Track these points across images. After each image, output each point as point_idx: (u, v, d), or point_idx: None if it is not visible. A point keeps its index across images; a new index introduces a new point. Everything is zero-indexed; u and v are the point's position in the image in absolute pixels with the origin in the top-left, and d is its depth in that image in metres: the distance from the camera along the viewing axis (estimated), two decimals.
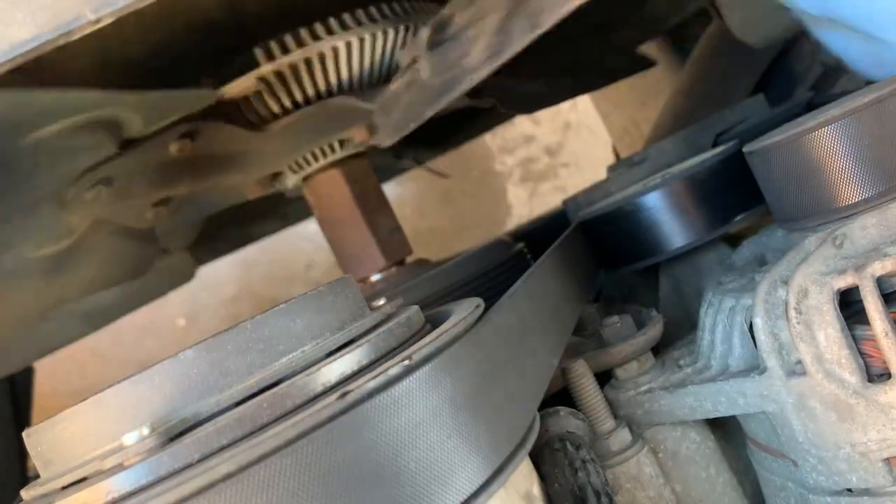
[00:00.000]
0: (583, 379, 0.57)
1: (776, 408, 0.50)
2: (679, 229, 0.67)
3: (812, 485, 0.50)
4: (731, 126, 0.85)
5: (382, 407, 0.35)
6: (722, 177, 0.67)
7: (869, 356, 0.46)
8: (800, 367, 0.48)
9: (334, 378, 0.37)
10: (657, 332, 0.61)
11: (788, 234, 0.56)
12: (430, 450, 0.35)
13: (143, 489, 0.34)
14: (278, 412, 0.35)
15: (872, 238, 0.49)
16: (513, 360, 0.44)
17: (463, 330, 0.41)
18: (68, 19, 0.44)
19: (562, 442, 0.51)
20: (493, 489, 0.37)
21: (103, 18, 0.45)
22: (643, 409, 0.58)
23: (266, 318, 0.39)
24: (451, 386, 0.37)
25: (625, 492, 0.56)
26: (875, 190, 0.49)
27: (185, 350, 0.38)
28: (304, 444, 0.32)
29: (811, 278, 0.47)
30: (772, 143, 0.52)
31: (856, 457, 0.47)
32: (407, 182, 2.11)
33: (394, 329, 0.41)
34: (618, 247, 0.70)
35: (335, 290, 0.43)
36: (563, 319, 0.58)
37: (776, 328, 0.49)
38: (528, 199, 2.21)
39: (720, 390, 0.53)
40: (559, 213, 0.96)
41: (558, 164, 2.22)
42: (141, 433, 0.35)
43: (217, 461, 0.32)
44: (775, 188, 0.53)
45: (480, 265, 0.75)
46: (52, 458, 0.39)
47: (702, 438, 0.60)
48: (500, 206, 2.22)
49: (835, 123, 0.49)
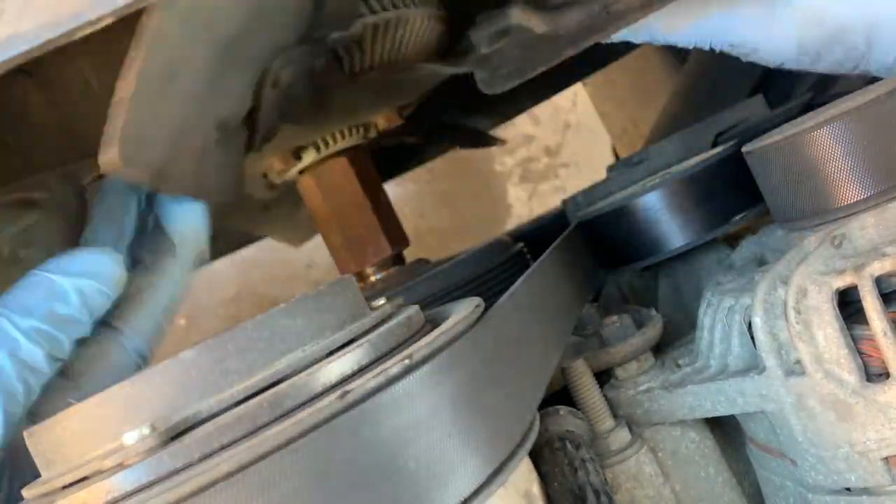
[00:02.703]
0: (582, 378, 0.57)
1: (775, 407, 0.50)
2: (678, 229, 0.67)
3: (811, 484, 0.50)
4: (730, 126, 0.85)
5: (382, 406, 0.35)
6: (721, 177, 0.67)
7: (868, 356, 0.46)
8: (799, 366, 0.48)
9: (334, 378, 0.37)
10: (657, 332, 0.61)
11: (787, 233, 0.56)
12: (430, 449, 0.35)
13: (143, 488, 0.34)
14: (278, 412, 0.35)
15: (871, 238, 0.49)
16: (513, 359, 0.44)
17: (463, 330, 0.41)
18: (68, 19, 0.44)
19: (561, 441, 0.51)
20: (493, 488, 0.38)
21: (103, 18, 0.44)
22: (643, 408, 0.58)
23: (266, 317, 0.39)
24: (451, 385, 0.37)
25: (624, 491, 0.56)
26: (874, 190, 0.49)
27: (186, 350, 0.38)
28: (304, 443, 0.33)
29: (810, 278, 0.47)
30: (771, 143, 0.52)
31: (854, 456, 0.47)
32: (407, 182, 2.11)
33: (394, 329, 0.41)
34: (617, 247, 0.70)
35: (335, 290, 0.43)
36: (563, 319, 0.58)
37: (775, 328, 0.49)
38: (528, 200, 2.21)
39: (719, 390, 0.53)
40: (559, 213, 0.96)
41: (558, 165, 2.22)
42: (141, 433, 0.35)
43: (217, 460, 0.32)
44: (774, 188, 0.53)
45: (480, 265, 0.75)
46: (53, 458, 0.39)
47: (701, 438, 0.60)
48: (500, 206, 2.22)
49: (834, 123, 0.49)
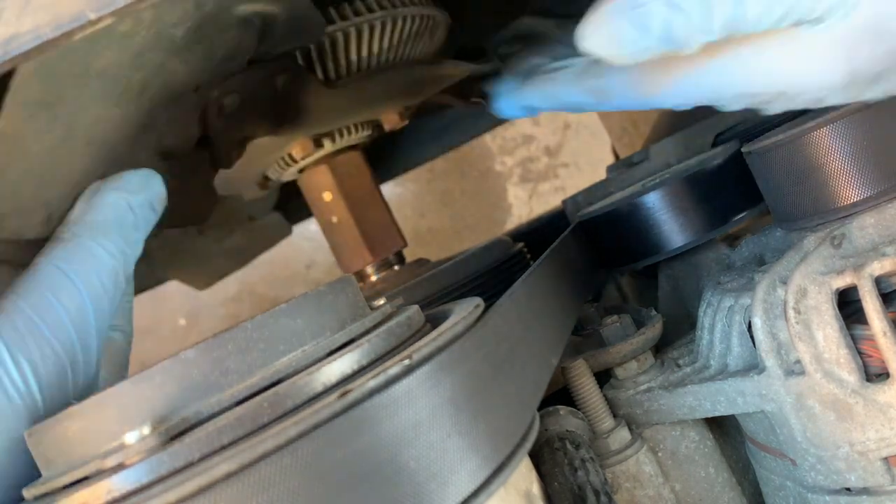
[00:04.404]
0: (582, 378, 0.57)
1: (775, 407, 0.50)
2: (678, 229, 0.67)
3: (811, 484, 0.50)
4: (730, 126, 0.85)
5: (382, 406, 0.35)
6: (721, 177, 0.67)
7: (867, 356, 0.46)
8: (798, 366, 0.48)
9: (334, 377, 0.37)
10: (656, 332, 0.61)
11: (787, 233, 0.56)
12: (429, 449, 0.35)
13: (143, 488, 0.34)
14: (279, 411, 0.35)
15: (871, 238, 0.49)
16: (513, 359, 0.44)
17: (463, 330, 0.41)
18: (68, 19, 0.44)
19: (561, 441, 0.51)
20: (493, 488, 0.37)
21: (104, 18, 0.44)
22: (642, 408, 0.58)
23: (267, 317, 0.39)
24: (450, 385, 0.37)
25: (624, 491, 0.56)
26: (874, 190, 0.49)
27: (186, 350, 0.38)
28: (304, 443, 0.33)
29: (810, 278, 0.47)
30: (771, 143, 0.52)
31: (854, 456, 0.47)
32: (407, 182, 2.11)
33: (394, 329, 0.41)
34: (617, 247, 0.70)
35: (336, 290, 0.43)
36: (563, 319, 0.58)
37: (775, 328, 0.49)
38: (528, 199, 2.21)
39: (719, 390, 0.53)
40: (559, 213, 0.96)
41: (558, 165, 2.22)
42: (142, 432, 0.35)
43: (218, 460, 0.32)
44: (774, 188, 0.54)
45: (480, 265, 0.75)
46: (54, 457, 0.39)
47: (701, 438, 0.60)
48: (500, 206, 2.21)
49: (834, 123, 0.49)
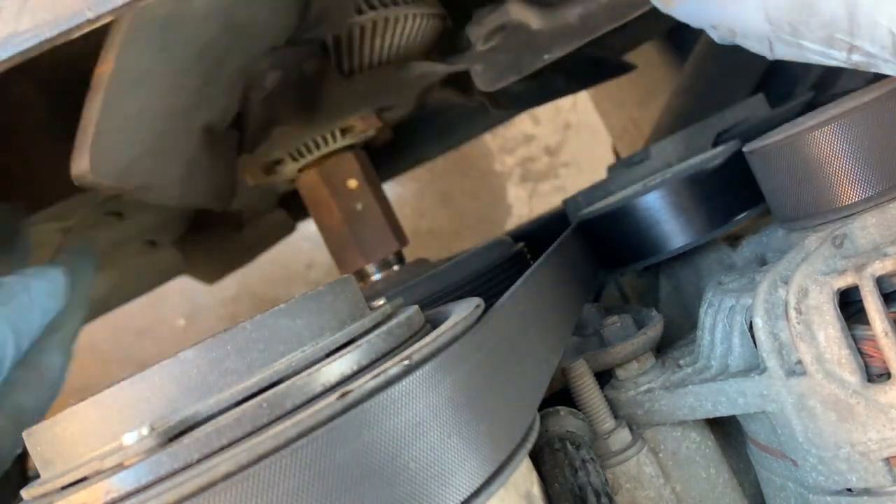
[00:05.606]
0: (583, 379, 0.57)
1: (776, 408, 0.50)
2: (679, 229, 0.67)
3: (812, 484, 0.50)
4: (731, 126, 0.85)
5: (382, 407, 0.35)
6: (722, 177, 0.67)
7: (869, 356, 0.46)
8: (800, 366, 0.48)
9: (334, 378, 0.37)
10: (657, 332, 0.61)
11: (788, 233, 0.56)
12: (429, 449, 0.35)
13: (142, 489, 0.34)
14: (278, 412, 0.35)
15: (872, 238, 0.49)
16: (513, 360, 0.44)
17: (463, 330, 0.41)
18: (67, 18, 0.44)
19: (562, 442, 0.51)
20: (493, 489, 0.37)
21: (102, 17, 0.44)
22: (643, 408, 0.58)
23: (266, 318, 0.39)
24: (450, 386, 0.37)
25: (624, 492, 0.56)
26: (875, 189, 0.49)
27: (185, 350, 0.38)
28: (303, 443, 0.32)
29: (811, 278, 0.47)
30: (772, 142, 0.52)
31: (856, 456, 0.47)
32: (407, 182, 2.11)
33: (394, 329, 0.41)
34: (618, 247, 0.70)
35: (335, 290, 0.43)
36: (563, 319, 0.57)
37: (776, 328, 0.49)
38: (528, 199, 2.21)
39: (720, 390, 0.53)
40: (559, 213, 0.96)
41: (558, 164, 2.22)
42: (140, 433, 0.35)
43: (217, 461, 0.32)
44: (775, 188, 0.53)
45: (480, 265, 0.75)
46: (52, 458, 0.39)
47: (702, 438, 0.59)
48: (500, 206, 2.21)
49: (835, 123, 0.49)
